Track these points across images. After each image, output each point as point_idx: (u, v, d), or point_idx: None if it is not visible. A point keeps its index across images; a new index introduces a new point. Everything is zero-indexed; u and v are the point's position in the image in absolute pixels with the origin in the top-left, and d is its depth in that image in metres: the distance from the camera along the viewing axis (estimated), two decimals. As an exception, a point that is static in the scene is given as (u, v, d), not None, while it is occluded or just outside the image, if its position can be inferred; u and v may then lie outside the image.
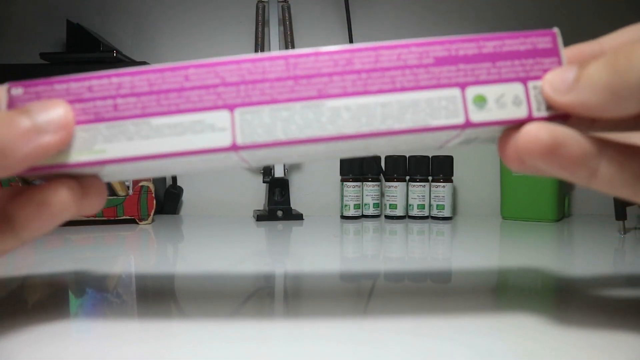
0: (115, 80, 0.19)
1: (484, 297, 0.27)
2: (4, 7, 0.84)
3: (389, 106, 0.19)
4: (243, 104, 0.19)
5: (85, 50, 0.72)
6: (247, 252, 0.43)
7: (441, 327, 0.21)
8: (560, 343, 0.19)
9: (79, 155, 0.19)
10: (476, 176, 0.82)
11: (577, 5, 0.85)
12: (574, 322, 0.22)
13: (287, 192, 0.72)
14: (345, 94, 0.19)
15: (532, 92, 0.19)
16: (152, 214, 0.64)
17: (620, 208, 0.54)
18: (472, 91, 0.19)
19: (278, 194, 0.72)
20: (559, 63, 0.20)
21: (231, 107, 0.19)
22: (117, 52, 0.70)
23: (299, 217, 0.70)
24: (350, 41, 0.80)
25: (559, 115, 0.19)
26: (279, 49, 0.79)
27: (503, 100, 0.19)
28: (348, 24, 0.79)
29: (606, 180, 0.18)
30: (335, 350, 0.19)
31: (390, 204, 0.71)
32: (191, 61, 0.20)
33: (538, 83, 0.20)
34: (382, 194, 0.75)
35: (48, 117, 0.18)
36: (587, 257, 0.40)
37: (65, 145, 0.19)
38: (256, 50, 0.79)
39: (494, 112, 0.19)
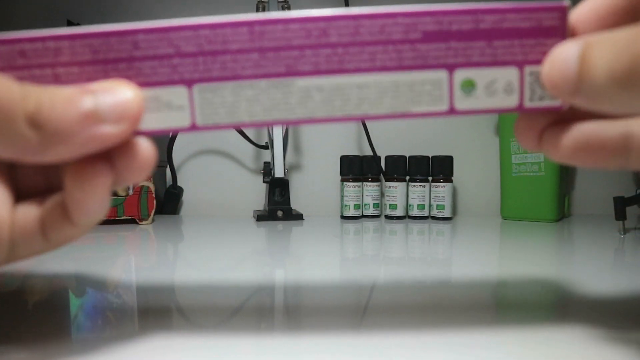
0: (51, 44, 0.17)
1: (484, 298, 0.27)
2: (4, 7, 0.84)
3: (366, 88, 0.17)
4: (202, 80, 0.17)
5: (85, 50, 0.72)
6: (247, 252, 0.43)
7: (441, 329, 0.21)
8: (560, 344, 0.19)
9: None
10: (476, 176, 0.82)
11: None
12: (574, 323, 0.22)
13: (287, 192, 0.72)
14: (318, 72, 0.17)
15: (527, 79, 0.17)
16: (152, 214, 0.64)
17: (620, 208, 0.54)
18: (460, 74, 0.17)
19: (278, 194, 0.72)
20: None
21: (189, 83, 0.17)
22: (117, 52, 0.70)
23: (299, 217, 0.70)
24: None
25: (553, 107, 0.17)
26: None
27: (494, 87, 0.17)
28: (348, 24, 0.79)
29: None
30: (335, 353, 0.19)
31: (390, 204, 0.71)
32: (140, 24, 0.17)
33: (535, 68, 0.17)
34: (382, 194, 0.75)
35: (111, 101, 0.16)
36: (587, 257, 0.40)
37: (126, 138, 0.16)
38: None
39: (481, 100, 0.17)
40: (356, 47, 0.17)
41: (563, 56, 0.16)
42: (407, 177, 0.72)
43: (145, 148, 0.17)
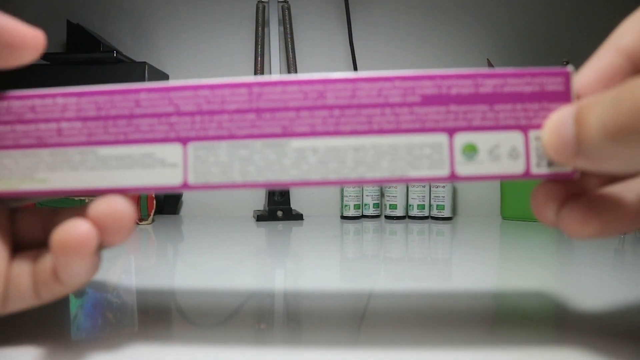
0: (60, 100, 0.18)
1: (484, 305, 0.27)
2: (4, 7, 0.84)
3: (362, 151, 0.17)
4: (197, 138, 0.17)
5: (85, 51, 0.72)
6: (247, 252, 0.43)
7: (440, 330, 0.21)
8: (560, 346, 0.19)
9: (18, 183, 0.18)
10: (476, 176, 0.82)
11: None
12: (574, 323, 0.22)
13: (287, 192, 0.72)
14: (314, 134, 0.17)
15: (533, 144, 0.17)
16: (152, 214, 0.64)
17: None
18: (461, 138, 0.17)
19: (278, 194, 0.72)
20: None
21: (184, 141, 0.17)
22: (117, 52, 0.70)
23: (299, 217, 0.70)
24: (351, 42, 0.80)
25: (563, 174, 0.17)
26: (279, 49, 0.79)
27: (497, 152, 0.17)
28: (348, 24, 0.79)
29: None
30: (333, 356, 0.19)
31: (390, 204, 0.71)
32: (144, 84, 0.18)
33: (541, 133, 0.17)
34: (382, 194, 0.75)
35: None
36: (587, 257, 0.40)
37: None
38: (256, 50, 0.79)
39: (485, 165, 0.17)
40: (353, 110, 0.17)
41: (559, 120, 0.16)
42: (407, 177, 0.72)
43: (125, 210, 0.17)
